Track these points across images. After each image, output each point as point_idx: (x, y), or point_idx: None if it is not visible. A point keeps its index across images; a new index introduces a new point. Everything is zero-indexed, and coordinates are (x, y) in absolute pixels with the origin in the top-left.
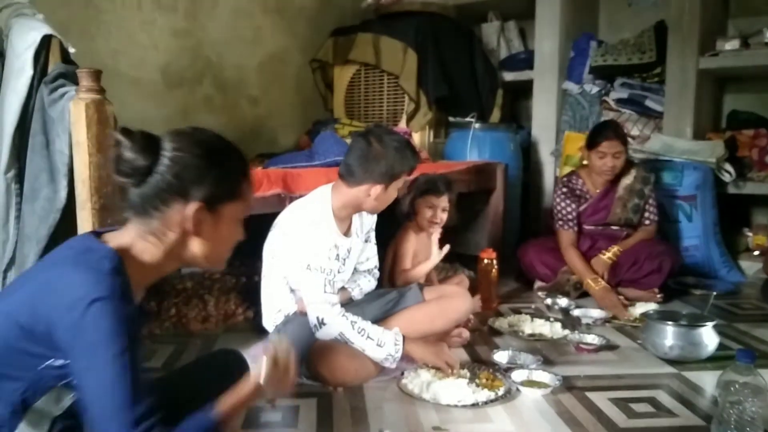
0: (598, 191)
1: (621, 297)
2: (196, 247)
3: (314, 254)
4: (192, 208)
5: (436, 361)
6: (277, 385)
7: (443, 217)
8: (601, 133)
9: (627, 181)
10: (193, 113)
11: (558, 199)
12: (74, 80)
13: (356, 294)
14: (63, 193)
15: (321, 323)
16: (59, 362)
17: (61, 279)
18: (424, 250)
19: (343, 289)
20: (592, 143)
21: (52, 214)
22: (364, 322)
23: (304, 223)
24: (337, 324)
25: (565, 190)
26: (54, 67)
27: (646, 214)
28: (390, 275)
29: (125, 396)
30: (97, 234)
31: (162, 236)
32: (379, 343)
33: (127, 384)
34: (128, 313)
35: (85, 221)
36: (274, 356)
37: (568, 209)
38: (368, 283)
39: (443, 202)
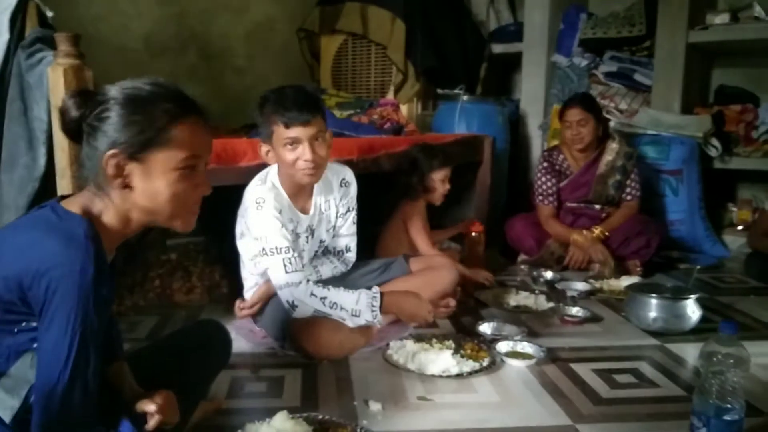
0: (579, 166)
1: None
2: (133, 202)
3: (264, 237)
4: (105, 156)
5: (414, 319)
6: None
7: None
8: (566, 104)
9: (608, 157)
10: (178, 83)
11: (539, 174)
12: (52, 45)
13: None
14: (42, 161)
15: (293, 306)
16: (33, 324)
17: (34, 245)
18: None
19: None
20: (560, 115)
21: (31, 183)
22: (336, 294)
23: (251, 204)
24: (308, 304)
25: (546, 165)
26: (31, 31)
27: (628, 190)
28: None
29: (70, 373)
30: (60, 199)
31: (105, 194)
32: (355, 313)
33: (78, 362)
34: (101, 283)
35: (65, 190)
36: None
37: (548, 184)
38: (332, 269)
39: (449, 171)
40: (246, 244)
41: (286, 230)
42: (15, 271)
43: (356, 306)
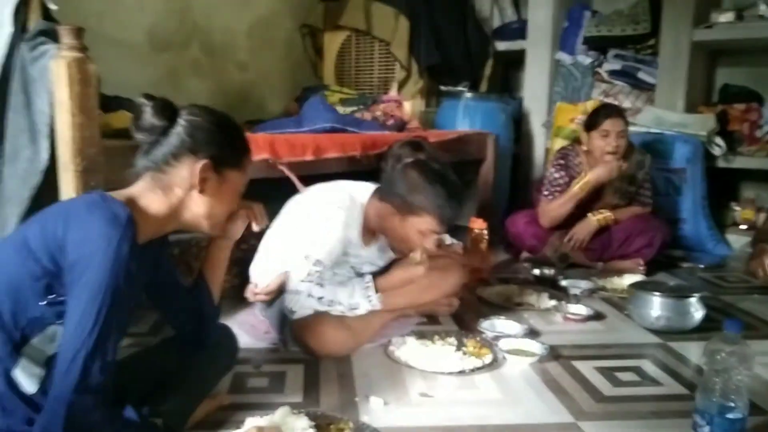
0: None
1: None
2: (198, 205)
3: (318, 244)
4: (201, 163)
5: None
6: None
7: None
8: (602, 112)
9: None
10: (180, 77)
11: (552, 168)
12: (55, 38)
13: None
14: (44, 154)
15: (291, 311)
16: (61, 298)
17: (77, 216)
18: None
19: None
20: (592, 123)
21: (33, 176)
22: (332, 291)
23: (330, 208)
24: (307, 306)
25: (562, 162)
26: (34, 24)
27: (641, 198)
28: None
29: (91, 348)
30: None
31: (169, 191)
32: (353, 306)
33: (102, 331)
34: (132, 262)
35: (68, 183)
36: None
37: (560, 181)
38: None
39: None
40: (295, 237)
41: (338, 246)
42: (59, 237)
43: (352, 300)
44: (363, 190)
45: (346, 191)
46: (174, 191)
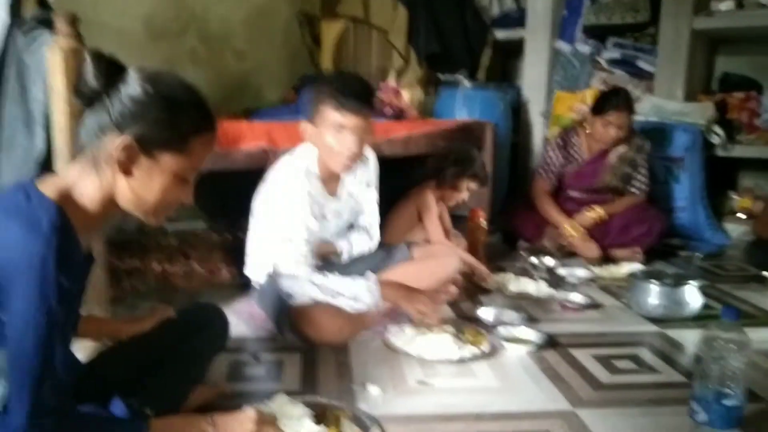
0: (591, 154)
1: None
2: (124, 188)
3: (286, 222)
4: (121, 140)
5: (408, 308)
6: None
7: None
8: (610, 101)
9: (621, 149)
10: (177, 66)
11: (549, 148)
12: (51, 26)
13: (344, 252)
14: (40, 143)
15: (290, 296)
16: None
17: None
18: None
19: (328, 244)
20: (599, 109)
21: (29, 164)
22: (334, 281)
23: (281, 184)
24: (307, 292)
25: (561, 142)
26: (30, 12)
27: (636, 183)
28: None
29: (37, 372)
30: (38, 179)
31: (99, 170)
32: (353, 297)
33: (43, 359)
34: (66, 274)
35: (63, 172)
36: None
37: (556, 161)
38: (362, 242)
39: (476, 188)
40: (263, 222)
41: (311, 215)
42: None
43: (354, 291)
44: (300, 148)
45: (287, 165)
46: (103, 170)
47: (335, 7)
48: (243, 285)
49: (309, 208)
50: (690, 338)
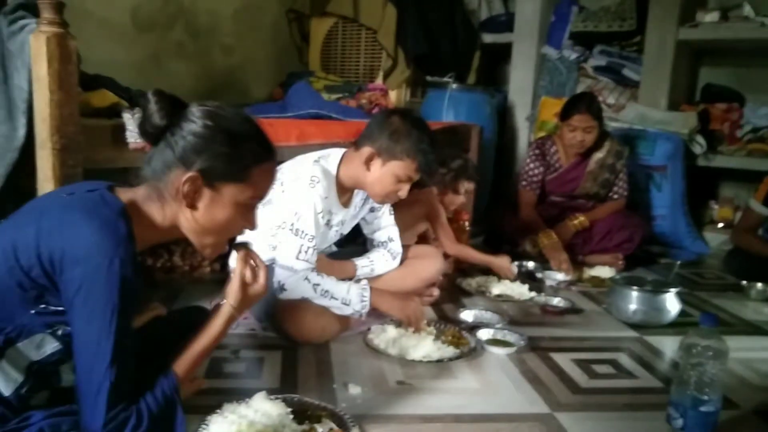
0: (569, 161)
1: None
2: (187, 220)
3: (300, 215)
4: (186, 175)
5: (400, 316)
6: (248, 300)
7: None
8: (574, 106)
9: (600, 155)
10: (164, 59)
11: (528, 160)
12: (35, 12)
13: (364, 271)
14: (21, 131)
15: (282, 288)
16: (53, 308)
17: (74, 227)
18: None
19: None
20: (564, 114)
21: (9, 153)
22: (329, 282)
23: (303, 178)
24: (299, 288)
25: (537, 152)
26: None
27: (616, 189)
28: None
29: (116, 371)
30: (110, 186)
31: (164, 201)
32: (345, 302)
33: (121, 358)
34: (135, 277)
35: (45, 161)
36: (241, 273)
37: (536, 171)
38: (385, 264)
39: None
40: (271, 212)
41: (321, 219)
42: (49, 248)
43: (347, 295)
44: (333, 154)
45: (317, 154)
46: (169, 204)
47: (325, 5)
48: (224, 281)
49: (319, 214)
50: (668, 344)
